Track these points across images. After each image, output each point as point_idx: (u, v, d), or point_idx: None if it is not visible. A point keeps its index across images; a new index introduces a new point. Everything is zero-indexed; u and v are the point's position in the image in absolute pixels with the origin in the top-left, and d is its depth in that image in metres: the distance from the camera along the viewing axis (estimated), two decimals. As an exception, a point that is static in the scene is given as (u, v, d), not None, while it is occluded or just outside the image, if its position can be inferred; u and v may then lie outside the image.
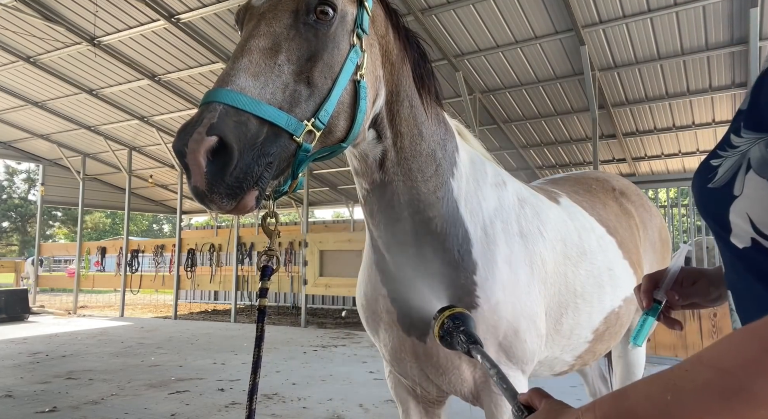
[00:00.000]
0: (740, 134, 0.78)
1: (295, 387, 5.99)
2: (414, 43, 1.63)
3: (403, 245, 1.63)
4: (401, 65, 1.56)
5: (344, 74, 1.31)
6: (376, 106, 1.50)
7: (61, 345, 9.07)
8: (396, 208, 1.60)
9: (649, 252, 2.61)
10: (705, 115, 10.45)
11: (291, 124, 1.20)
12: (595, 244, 2.16)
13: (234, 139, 1.11)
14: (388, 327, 1.76)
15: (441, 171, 1.64)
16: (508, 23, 8.44)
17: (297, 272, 12.86)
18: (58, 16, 9.50)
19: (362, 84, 1.36)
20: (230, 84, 1.16)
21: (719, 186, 0.79)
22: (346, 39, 1.34)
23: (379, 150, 1.57)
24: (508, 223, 1.75)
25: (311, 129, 1.24)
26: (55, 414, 4.95)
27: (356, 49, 1.35)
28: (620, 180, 2.88)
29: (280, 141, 1.20)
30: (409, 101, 1.58)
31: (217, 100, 1.14)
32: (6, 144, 15.58)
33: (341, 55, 1.32)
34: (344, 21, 1.35)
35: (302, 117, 1.23)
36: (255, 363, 1.32)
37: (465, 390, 1.70)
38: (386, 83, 1.52)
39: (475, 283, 1.62)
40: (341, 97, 1.31)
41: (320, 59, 1.28)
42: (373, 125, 1.53)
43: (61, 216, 41.35)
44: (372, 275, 1.78)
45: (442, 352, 1.64)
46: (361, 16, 1.38)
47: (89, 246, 15.64)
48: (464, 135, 1.89)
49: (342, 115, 1.33)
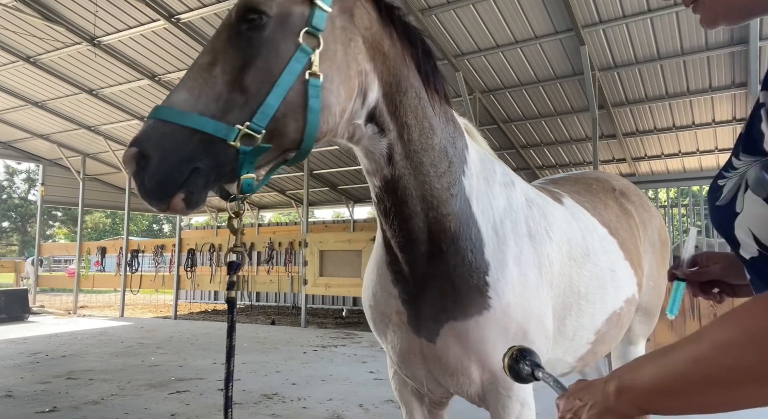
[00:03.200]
0: (739, 157, 0.86)
1: (295, 387, 5.99)
2: (415, 37, 1.62)
3: (416, 242, 1.62)
4: (399, 57, 1.55)
5: (286, 76, 1.32)
6: (369, 99, 1.49)
7: (61, 345, 9.07)
8: (410, 204, 1.58)
9: (649, 252, 2.61)
10: (705, 115, 10.45)
11: (220, 129, 1.26)
12: (598, 245, 2.16)
13: (150, 149, 1.23)
14: (397, 328, 1.75)
15: (453, 168, 1.63)
16: (508, 23, 8.44)
17: (297, 272, 12.86)
18: (58, 16, 9.50)
19: (312, 82, 1.35)
20: (166, 101, 1.29)
21: (724, 204, 0.87)
22: (289, 40, 1.35)
23: (384, 144, 1.55)
24: (517, 224, 1.74)
25: (248, 132, 1.28)
26: (55, 414, 4.95)
27: (303, 48, 1.34)
28: (620, 180, 2.87)
29: (213, 147, 1.26)
30: (416, 92, 1.56)
31: (151, 116, 1.28)
32: (6, 144, 15.58)
33: (282, 57, 1.33)
34: (285, 23, 1.36)
35: (235, 122, 1.28)
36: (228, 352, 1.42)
37: (471, 391, 1.70)
38: (380, 75, 1.51)
39: (487, 284, 1.61)
40: (287, 98, 1.32)
41: (254, 65, 1.32)
42: (370, 119, 1.53)
43: (61, 216, 41.36)
44: (383, 275, 1.77)
45: (451, 354, 1.64)
46: (313, 14, 1.38)
47: (89, 246, 15.64)
48: (472, 134, 1.88)
49: (290, 115, 1.34)
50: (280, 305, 16.67)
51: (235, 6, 1.38)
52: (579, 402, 0.88)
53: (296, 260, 12.94)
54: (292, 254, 13.13)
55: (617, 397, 0.81)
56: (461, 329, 1.61)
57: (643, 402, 0.78)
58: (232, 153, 1.28)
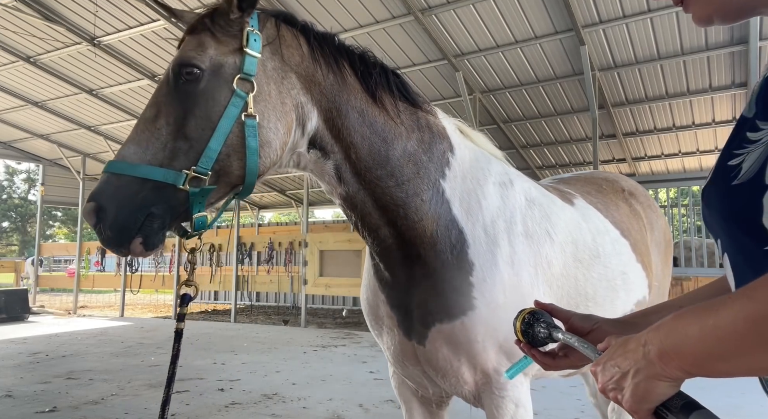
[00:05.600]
0: (758, 128, 0.77)
1: (295, 387, 5.99)
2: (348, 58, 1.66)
3: (390, 250, 1.65)
4: (336, 83, 1.60)
5: (225, 120, 1.43)
6: (308, 128, 1.57)
7: (61, 345, 9.06)
8: (373, 215, 1.64)
9: (655, 253, 2.60)
10: (705, 115, 10.44)
11: (169, 176, 1.38)
12: (610, 247, 2.14)
13: (105, 201, 1.36)
14: (389, 331, 1.78)
15: (425, 173, 1.65)
16: (508, 23, 8.44)
17: (297, 272, 12.86)
18: (58, 16, 9.49)
19: (249, 123, 1.44)
20: (117, 155, 1.42)
21: (747, 180, 0.77)
22: (224, 88, 1.45)
23: (330, 165, 1.62)
24: (512, 223, 1.74)
25: (195, 175, 1.40)
26: (55, 414, 4.95)
27: (238, 93, 1.44)
28: (628, 181, 2.87)
29: (164, 192, 1.38)
30: (358, 112, 1.61)
31: (106, 170, 1.41)
32: (6, 144, 15.57)
33: (219, 104, 1.44)
34: (218, 72, 1.46)
35: (182, 167, 1.39)
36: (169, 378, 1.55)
37: (466, 391, 1.70)
38: (318, 103, 1.58)
39: (471, 284, 1.61)
40: (228, 140, 1.43)
41: (193, 114, 1.43)
42: (312, 146, 1.60)
43: (61, 216, 41.34)
44: (371, 281, 1.81)
45: (441, 356, 1.64)
46: (244, 61, 1.47)
47: (89, 246, 15.62)
48: (468, 133, 1.88)
49: (234, 155, 1.45)
50: (280, 305, 16.66)
51: (171, 63, 1.49)
52: (617, 370, 0.81)
53: (296, 260, 12.94)
54: (292, 254, 13.13)
55: (664, 362, 0.75)
56: (448, 331, 1.61)
57: (692, 366, 0.73)
58: (183, 196, 1.40)
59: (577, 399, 5.27)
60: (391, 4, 8.24)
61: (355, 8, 8.41)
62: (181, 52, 1.50)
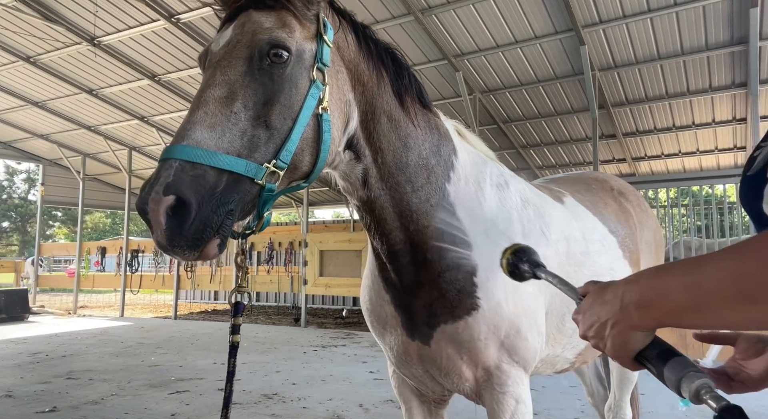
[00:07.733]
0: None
1: (295, 387, 5.99)
2: (389, 58, 1.63)
3: (399, 253, 1.66)
4: (375, 84, 1.57)
5: (305, 111, 1.33)
6: (349, 128, 1.52)
7: (61, 345, 9.07)
8: (388, 220, 1.63)
9: (645, 251, 2.63)
10: (705, 115, 10.44)
11: (251, 169, 1.24)
12: (599, 245, 2.18)
13: (191, 195, 1.15)
14: (393, 331, 1.79)
15: (434, 178, 1.65)
16: (508, 23, 8.44)
17: (297, 272, 12.86)
18: (58, 16, 9.49)
19: (325, 117, 1.37)
20: (186, 139, 1.20)
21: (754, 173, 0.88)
22: (305, 76, 1.36)
23: (359, 169, 1.58)
24: (510, 224, 1.76)
25: (274, 170, 1.28)
26: (55, 414, 4.95)
27: (317, 84, 1.36)
28: (618, 180, 2.92)
29: (242, 186, 1.23)
30: (388, 116, 1.58)
31: (173, 156, 1.18)
32: (6, 144, 15.57)
33: (300, 93, 1.34)
34: (301, 59, 1.37)
35: (262, 160, 1.27)
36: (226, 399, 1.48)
37: (467, 388, 1.72)
38: (358, 104, 1.54)
39: (475, 285, 1.63)
40: (304, 134, 1.34)
41: (277, 101, 1.30)
42: (348, 147, 1.55)
43: (61, 216, 41.35)
44: (375, 281, 1.81)
45: (445, 355, 1.66)
46: (321, 50, 1.40)
47: (89, 246, 15.63)
48: (464, 135, 1.89)
49: (306, 150, 1.36)
50: (280, 305, 16.66)
51: (251, 39, 1.34)
52: (596, 319, 0.85)
53: (296, 260, 12.94)
54: (292, 254, 13.13)
55: (640, 313, 0.78)
56: (452, 331, 1.63)
57: (666, 317, 0.76)
58: (256, 191, 1.27)
59: (578, 399, 5.28)
60: (391, 4, 8.25)
61: (355, 8, 8.40)
62: (268, 30, 1.34)
